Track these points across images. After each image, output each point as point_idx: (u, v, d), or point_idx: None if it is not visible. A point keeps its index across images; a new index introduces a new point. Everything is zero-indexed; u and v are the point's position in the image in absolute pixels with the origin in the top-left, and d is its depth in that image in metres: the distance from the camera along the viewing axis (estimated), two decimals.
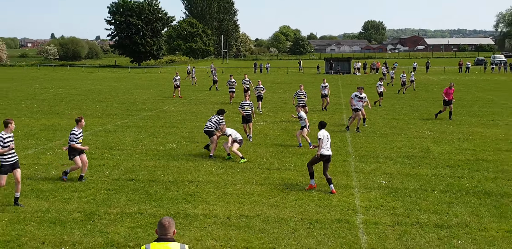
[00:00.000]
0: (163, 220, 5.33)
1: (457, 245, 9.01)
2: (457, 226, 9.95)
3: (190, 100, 34.21)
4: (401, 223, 10.11)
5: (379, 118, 24.99)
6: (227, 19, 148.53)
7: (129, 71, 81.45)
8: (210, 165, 14.99)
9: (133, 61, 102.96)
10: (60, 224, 10.08)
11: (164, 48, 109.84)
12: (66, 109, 29.00)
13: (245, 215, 10.55)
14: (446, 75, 62.03)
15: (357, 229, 9.78)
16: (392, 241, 9.19)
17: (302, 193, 12.14)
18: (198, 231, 9.69)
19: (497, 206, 11.14)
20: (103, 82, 54.14)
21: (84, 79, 58.81)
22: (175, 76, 37.00)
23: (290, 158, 16.04)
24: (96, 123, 23.51)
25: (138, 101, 33.79)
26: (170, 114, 26.95)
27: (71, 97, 36.70)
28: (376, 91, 31.20)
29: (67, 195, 11.99)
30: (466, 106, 29.83)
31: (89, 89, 43.73)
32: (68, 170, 13.36)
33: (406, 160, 15.63)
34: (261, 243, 9.06)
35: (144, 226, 9.98)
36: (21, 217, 10.52)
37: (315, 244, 9.06)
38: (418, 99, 34.25)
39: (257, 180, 13.38)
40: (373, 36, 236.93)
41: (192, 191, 12.31)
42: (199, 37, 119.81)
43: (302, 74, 68.29)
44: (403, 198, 11.78)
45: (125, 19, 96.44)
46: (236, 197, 11.83)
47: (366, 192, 12.23)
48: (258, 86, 28.64)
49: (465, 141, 18.68)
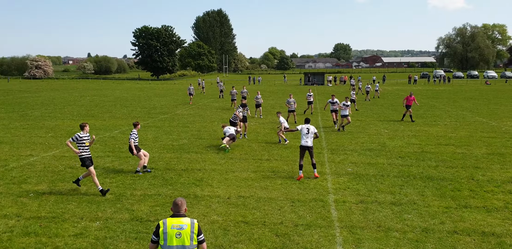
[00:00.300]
0: (177, 200, 5.32)
1: (407, 218, 9.04)
2: (407, 203, 9.98)
3: (199, 106, 34.11)
4: (363, 201, 10.13)
5: None
6: (227, 42, 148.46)
7: (150, 83, 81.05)
8: (214, 157, 14.96)
9: (153, 75, 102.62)
10: (95, 204, 10.03)
11: (177, 65, 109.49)
12: (100, 113, 28.82)
13: (241, 196, 10.54)
14: (399, 86, 62.22)
15: (329, 206, 9.79)
16: (357, 215, 9.21)
17: (286, 178, 12.13)
18: (204, 208, 9.67)
19: (438, 188, 11.18)
20: (129, 91, 53.84)
21: (114, 89, 58.48)
22: (189, 86, 37.48)
23: (277, 150, 16.03)
24: (123, 124, 23.39)
25: (157, 106, 33.64)
26: (182, 116, 26.86)
27: (104, 103, 36.50)
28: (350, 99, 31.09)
29: (100, 181, 11.91)
30: (413, 110, 29.85)
31: (118, 97, 43.51)
32: (138, 168, 12.80)
33: (367, 152, 15.66)
34: (254, 218, 9.05)
35: (162, 205, 9.94)
36: (64, 198, 10.45)
37: (296, 218, 9.06)
38: (376, 105, 34.30)
39: (251, 168, 13.36)
40: (342, 55, 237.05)
41: (200, 177, 12.28)
42: (205, 56, 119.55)
43: (286, 85, 68.20)
44: (365, 182, 11.80)
45: (147, 42, 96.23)
46: (234, 182, 11.81)
47: (337, 177, 12.25)
48: (257, 95, 27.10)
49: (413, 137, 18.74)
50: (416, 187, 11.30)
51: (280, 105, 33.16)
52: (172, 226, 5.16)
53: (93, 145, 17.15)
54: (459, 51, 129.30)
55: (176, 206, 5.29)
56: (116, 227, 8.61)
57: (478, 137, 18.78)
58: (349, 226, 8.62)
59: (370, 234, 8.20)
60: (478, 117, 25.60)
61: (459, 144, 17.06)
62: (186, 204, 5.47)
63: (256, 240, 7.94)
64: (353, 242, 7.86)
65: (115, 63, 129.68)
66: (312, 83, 68.68)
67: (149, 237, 8.02)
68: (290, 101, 23.67)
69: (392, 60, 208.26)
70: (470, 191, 10.85)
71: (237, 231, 8.38)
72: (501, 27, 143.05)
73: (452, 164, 13.72)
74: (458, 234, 8.21)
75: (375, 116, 26.67)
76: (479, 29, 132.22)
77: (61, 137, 19.10)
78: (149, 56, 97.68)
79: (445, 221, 8.82)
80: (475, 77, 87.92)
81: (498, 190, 10.96)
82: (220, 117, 26.14)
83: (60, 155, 15.29)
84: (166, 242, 5.14)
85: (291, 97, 23.88)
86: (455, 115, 26.83)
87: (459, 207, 9.66)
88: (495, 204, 9.85)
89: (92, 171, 10.76)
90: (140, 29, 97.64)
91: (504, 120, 24.33)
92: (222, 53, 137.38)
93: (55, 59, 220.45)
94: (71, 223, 8.81)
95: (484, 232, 8.27)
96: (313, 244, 7.77)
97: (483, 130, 20.82)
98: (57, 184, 11.66)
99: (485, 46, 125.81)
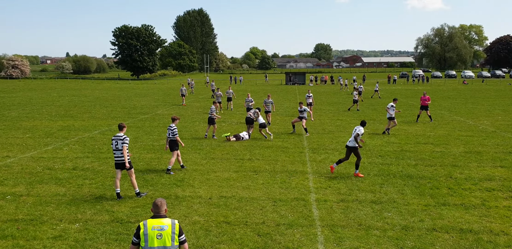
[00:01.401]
0: (156, 200, 5.28)
1: (387, 216, 9.15)
2: (387, 202, 10.10)
3: (180, 106, 33.90)
4: (344, 200, 10.21)
5: (327, 119, 25.19)
6: (208, 41, 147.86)
7: (130, 83, 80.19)
8: (196, 157, 14.89)
9: (133, 75, 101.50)
10: (74, 205, 9.88)
11: (158, 64, 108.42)
12: (79, 113, 28.40)
13: (223, 196, 10.52)
14: (379, 86, 62.78)
15: (311, 205, 9.84)
16: (338, 214, 9.28)
17: (268, 178, 12.15)
18: (186, 209, 9.62)
19: (417, 186, 11.34)
20: (109, 91, 53.20)
21: (93, 89, 57.70)
22: (181, 87, 36.20)
23: (259, 150, 16.05)
24: (103, 124, 23.10)
25: (137, 106, 33.33)
26: (163, 116, 26.66)
27: (83, 103, 35.97)
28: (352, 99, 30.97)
29: (80, 182, 11.76)
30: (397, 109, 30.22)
31: (97, 97, 42.94)
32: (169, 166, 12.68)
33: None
34: (236, 218, 9.05)
35: (142, 206, 9.85)
36: (42, 200, 10.27)
37: (278, 217, 9.08)
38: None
39: (233, 168, 13.34)
40: (322, 55, 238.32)
41: (181, 178, 12.20)
42: (186, 56, 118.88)
43: (267, 85, 68.31)
44: (345, 180, 11.90)
45: (126, 41, 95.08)
46: (216, 182, 11.78)
47: (318, 176, 12.32)
48: (247, 98, 24.70)
49: (392, 136, 18.97)
50: (396, 185, 11.44)
51: (261, 106, 33.12)
52: (152, 227, 5.12)
53: (72, 146, 16.91)
54: (437, 51, 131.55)
55: (156, 206, 5.25)
56: (96, 228, 8.50)
57: (456, 135, 19.12)
58: (330, 224, 8.68)
59: (351, 233, 8.28)
60: (456, 117, 26.08)
61: (437, 143, 17.34)
62: (167, 205, 5.45)
63: (238, 240, 7.93)
64: (334, 241, 7.92)
65: (94, 63, 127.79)
66: (294, 83, 68.98)
67: (129, 239, 7.94)
68: (267, 102, 23.03)
69: (372, 60, 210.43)
70: (448, 189, 11.04)
71: (219, 231, 8.36)
72: (478, 28, 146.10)
73: (431, 163, 13.94)
74: (437, 231, 8.34)
75: (355, 116, 26.92)
76: (457, 29, 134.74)
77: (39, 138, 18.76)
78: (129, 55, 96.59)
79: (424, 219, 8.96)
80: (453, 77, 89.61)
81: (475, 187, 11.19)
82: (202, 117, 26.03)
83: (38, 156, 15.02)
84: (147, 244, 5.10)
85: (269, 98, 23.20)
86: (434, 114, 27.26)
87: (438, 205, 9.82)
88: (473, 202, 10.05)
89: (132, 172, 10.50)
90: (120, 29, 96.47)
91: (481, 119, 24.85)
92: (203, 53, 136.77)
93: (32, 59, 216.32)
94: (49, 225, 8.66)
95: (462, 229, 8.43)
96: (294, 243, 7.80)
97: (460, 128, 21.22)
98: (35, 185, 11.45)
99: (463, 47, 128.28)
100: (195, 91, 51.60)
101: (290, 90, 54.10)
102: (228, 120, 24.67)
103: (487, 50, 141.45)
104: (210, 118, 18.52)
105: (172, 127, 12.55)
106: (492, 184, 11.45)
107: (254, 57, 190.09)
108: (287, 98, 40.69)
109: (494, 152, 15.55)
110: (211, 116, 18.52)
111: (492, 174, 12.44)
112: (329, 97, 42.26)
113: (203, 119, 25.08)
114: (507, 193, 10.73)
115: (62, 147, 16.87)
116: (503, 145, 16.78)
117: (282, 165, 13.65)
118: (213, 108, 18.63)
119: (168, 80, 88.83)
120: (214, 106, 18.87)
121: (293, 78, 70.09)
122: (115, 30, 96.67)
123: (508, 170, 12.95)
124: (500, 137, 18.74)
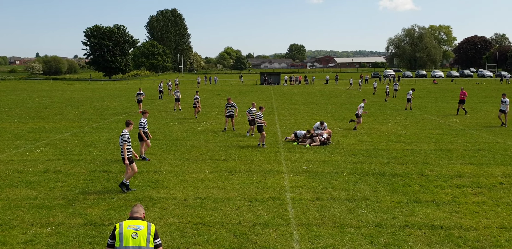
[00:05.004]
0: (134, 206, 5.56)
1: (361, 214, 9.27)
2: (361, 199, 10.23)
3: (153, 106, 33.53)
4: (319, 198, 10.30)
5: (301, 118, 25.36)
6: (182, 41, 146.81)
7: (102, 83, 78.85)
8: (170, 158, 14.76)
9: (105, 75, 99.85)
10: (46, 209, 9.64)
11: (130, 65, 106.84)
12: (50, 115, 27.75)
13: (198, 197, 10.45)
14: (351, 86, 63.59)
15: (286, 204, 9.88)
16: (313, 212, 9.35)
17: (244, 178, 12.14)
18: (160, 211, 9.52)
19: (389, 184, 11.54)
20: (81, 92, 52.17)
21: (65, 90, 56.48)
22: (138, 91, 30.71)
23: (234, 150, 16.02)
24: (75, 126, 22.64)
25: (110, 107, 32.80)
26: (136, 117, 26.27)
27: (54, 105, 35.16)
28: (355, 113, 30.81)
29: (52, 185, 11.49)
30: (365, 109, 30.67)
31: (69, 98, 42.04)
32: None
33: (322, 150, 15.94)
34: (211, 219, 9.01)
35: (116, 208, 9.70)
36: (12, 204, 9.99)
37: (254, 217, 9.09)
38: (330, 104, 34.91)
39: (208, 168, 13.28)
40: (296, 55, 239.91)
41: (156, 179, 12.07)
42: (159, 56, 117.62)
43: (242, 85, 68.28)
44: (320, 179, 12.00)
45: (98, 41, 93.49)
46: (191, 183, 11.70)
47: (293, 176, 12.38)
48: (229, 103, 20.83)
49: (365, 135, 19.25)
50: (369, 183, 11.60)
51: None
52: (128, 226, 5.17)
53: (43, 148, 16.51)
54: (408, 51, 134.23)
55: (133, 210, 5.45)
56: (69, 232, 8.32)
57: (427, 133, 19.55)
58: (306, 223, 8.73)
59: (326, 231, 8.35)
60: (426, 115, 26.67)
61: (408, 141, 17.68)
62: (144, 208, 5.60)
63: (214, 241, 7.90)
64: (310, 239, 7.98)
65: (65, 64, 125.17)
66: (269, 83, 69.19)
67: (103, 242, 7.81)
68: (228, 106, 20.63)
69: (345, 60, 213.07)
70: (420, 186, 11.28)
71: (194, 232, 8.31)
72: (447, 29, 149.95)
73: (403, 160, 14.20)
74: (409, 228, 8.51)
75: (329, 115, 27.20)
76: (426, 30, 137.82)
77: (8, 140, 18.24)
78: (101, 56, 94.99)
79: (397, 216, 9.12)
80: (423, 77, 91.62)
81: (446, 184, 11.46)
82: (176, 118, 25.83)
83: (7, 159, 14.60)
84: (122, 243, 5.10)
85: (230, 101, 20.66)
86: (405, 113, 27.81)
87: (410, 202, 10.02)
88: (444, 198, 10.29)
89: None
90: (92, 29, 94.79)
91: (451, 117, 25.48)
92: (177, 53, 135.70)
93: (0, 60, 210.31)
94: (20, 230, 8.42)
95: (433, 225, 8.62)
96: (270, 243, 7.83)
97: (431, 127, 21.70)
98: (4, 189, 11.13)
99: (432, 47, 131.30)
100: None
101: (265, 90, 54.27)
102: (203, 121, 24.55)
103: (455, 50, 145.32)
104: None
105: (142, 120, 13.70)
106: (462, 181, 11.75)
107: (228, 58, 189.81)
108: (262, 98, 40.78)
109: (464, 149, 15.96)
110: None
111: (462, 171, 12.77)
112: (303, 97, 42.56)
113: (177, 120, 24.89)
114: (476, 189, 11.03)
115: (33, 149, 16.44)
116: (472, 143, 17.24)
117: (257, 164, 13.67)
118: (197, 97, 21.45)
119: (141, 80, 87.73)
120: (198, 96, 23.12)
121: (268, 78, 70.29)
122: (87, 30, 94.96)
123: (477, 166, 13.32)
124: (469, 134, 19.26)
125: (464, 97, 26.89)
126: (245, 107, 31.89)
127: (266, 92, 49.27)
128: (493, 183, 11.56)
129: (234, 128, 20.97)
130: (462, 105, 26.97)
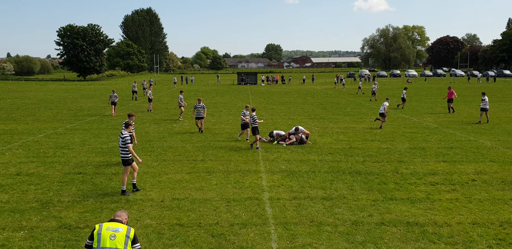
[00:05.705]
0: (118, 210, 5.68)
1: (338, 212, 9.37)
2: (338, 198, 10.33)
3: (128, 107, 33.12)
4: (296, 197, 10.36)
5: (279, 118, 25.45)
6: (158, 41, 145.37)
7: (76, 84, 77.40)
8: (146, 159, 14.59)
9: (79, 76, 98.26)
10: (19, 212, 9.41)
11: (105, 65, 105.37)
12: (22, 116, 27.10)
13: (176, 198, 10.38)
14: (327, 86, 64.31)
15: (264, 204, 9.90)
16: (291, 211, 9.40)
17: (222, 178, 12.11)
18: (137, 212, 9.41)
19: (365, 182, 11.69)
20: (54, 93, 51.10)
21: (38, 91, 55.22)
22: (112, 93, 28.64)
23: (212, 150, 15.96)
24: (48, 127, 22.16)
25: (84, 108, 32.24)
26: (111, 118, 25.95)
27: (26, 106, 34.35)
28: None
29: (24, 188, 11.22)
30: (341, 108, 31.09)
31: (42, 99, 41.13)
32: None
33: (299, 149, 16.03)
34: (189, 220, 8.95)
35: (92, 210, 9.54)
36: None
37: (232, 217, 9.08)
38: (307, 104, 35.13)
39: (185, 169, 13.20)
40: (273, 55, 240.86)
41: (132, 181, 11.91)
42: (135, 55, 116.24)
43: (219, 85, 68.09)
44: (297, 178, 12.07)
45: (72, 41, 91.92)
46: (168, 184, 11.60)
47: (271, 175, 12.42)
48: (198, 104, 20.37)
49: (341, 134, 19.45)
50: (346, 181, 11.73)
51: (213, 106, 33.00)
52: (107, 227, 5.19)
53: (15, 150, 16.11)
54: (382, 51, 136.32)
55: (116, 214, 5.52)
56: (43, 236, 8.14)
57: (401, 132, 19.89)
58: (284, 222, 8.77)
59: (304, 229, 8.41)
60: (401, 114, 27.13)
61: (384, 140, 17.95)
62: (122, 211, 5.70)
63: (192, 242, 7.86)
64: (288, 238, 8.02)
65: (38, 64, 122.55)
66: (246, 83, 69.23)
67: (78, 245, 7.67)
68: (197, 107, 20.13)
69: (321, 60, 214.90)
70: (395, 184, 11.47)
71: (171, 234, 8.24)
72: (420, 29, 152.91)
73: (378, 159, 14.41)
74: (385, 225, 8.64)
75: (305, 114, 27.38)
76: (400, 30, 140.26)
77: None
78: (75, 56, 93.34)
79: (373, 214, 9.25)
80: (397, 76, 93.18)
81: (420, 182, 11.68)
82: (152, 118, 25.58)
83: None
84: (99, 244, 5.11)
85: (200, 103, 20.24)
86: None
87: (386, 200, 10.17)
88: (418, 196, 10.48)
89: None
90: (65, 28, 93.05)
91: (424, 116, 26.00)
92: (152, 53, 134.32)
93: None
94: None
95: (408, 222, 8.78)
96: (248, 243, 7.83)
97: (405, 125, 22.09)
98: None
99: (406, 47, 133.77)
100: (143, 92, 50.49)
101: (242, 90, 54.28)
102: (179, 122, 24.37)
103: (429, 50, 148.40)
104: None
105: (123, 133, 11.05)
106: (435, 178, 12.00)
107: (205, 57, 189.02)
108: (240, 98, 40.76)
109: (437, 147, 16.31)
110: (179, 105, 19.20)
111: (436, 169, 13.04)
112: (280, 97, 42.72)
113: (154, 120, 24.67)
114: (449, 186, 11.28)
115: (4, 151, 16.02)
116: (445, 141, 17.63)
117: (235, 164, 13.66)
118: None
119: (116, 81, 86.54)
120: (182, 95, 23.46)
121: (245, 78, 70.37)
122: (60, 30, 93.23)
123: (450, 164, 13.62)
124: (442, 133, 19.68)
125: (452, 96, 27.64)
126: (223, 108, 31.87)
127: (243, 92, 49.28)
128: (466, 180, 11.84)
129: (202, 130, 20.25)
130: (451, 104, 27.74)
